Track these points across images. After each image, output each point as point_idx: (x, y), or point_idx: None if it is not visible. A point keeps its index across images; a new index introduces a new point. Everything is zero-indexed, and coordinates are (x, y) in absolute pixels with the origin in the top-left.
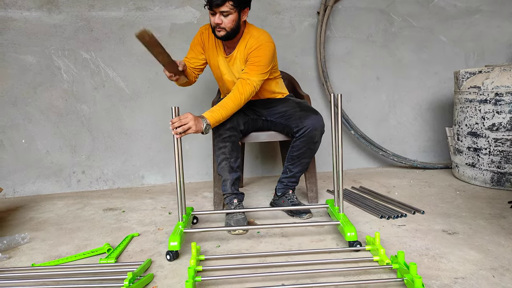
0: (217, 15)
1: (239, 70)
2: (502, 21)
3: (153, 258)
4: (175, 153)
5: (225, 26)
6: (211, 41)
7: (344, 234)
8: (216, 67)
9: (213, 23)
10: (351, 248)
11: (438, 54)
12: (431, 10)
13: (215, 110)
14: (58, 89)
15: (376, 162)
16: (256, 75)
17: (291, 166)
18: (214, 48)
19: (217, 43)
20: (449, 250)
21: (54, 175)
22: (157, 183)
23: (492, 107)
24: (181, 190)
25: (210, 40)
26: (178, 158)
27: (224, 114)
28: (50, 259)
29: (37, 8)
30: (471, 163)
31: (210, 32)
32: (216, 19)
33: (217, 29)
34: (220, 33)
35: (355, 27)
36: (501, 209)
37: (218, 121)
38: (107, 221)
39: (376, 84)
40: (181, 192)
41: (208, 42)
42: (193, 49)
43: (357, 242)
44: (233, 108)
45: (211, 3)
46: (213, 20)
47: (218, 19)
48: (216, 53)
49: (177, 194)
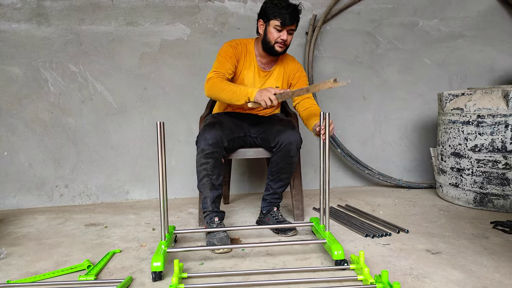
0: (284, 31)
1: (272, 86)
2: (484, 45)
3: (134, 275)
4: (159, 170)
5: (287, 43)
6: (244, 54)
7: (331, 253)
8: (241, 80)
9: (278, 39)
10: (336, 267)
11: (422, 76)
12: (416, 33)
13: (319, 110)
14: (44, 101)
15: (362, 180)
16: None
17: (272, 182)
18: (249, 63)
19: (252, 58)
20: (433, 269)
21: (36, 189)
22: (141, 198)
23: (474, 129)
24: (164, 208)
25: (243, 53)
26: (162, 175)
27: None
28: (27, 275)
29: (26, 21)
30: (454, 183)
31: (243, 47)
32: (283, 35)
33: (280, 45)
34: (281, 49)
35: (342, 48)
36: (483, 229)
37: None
38: (88, 237)
39: (363, 103)
40: (164, 210)
41: (241, 55)
42: (228, 61)
43: (344, 260)
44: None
45: (285, 21)
46: (278, 36)
47: (285, 36)
48: (250, 66)
49: (160, 212)
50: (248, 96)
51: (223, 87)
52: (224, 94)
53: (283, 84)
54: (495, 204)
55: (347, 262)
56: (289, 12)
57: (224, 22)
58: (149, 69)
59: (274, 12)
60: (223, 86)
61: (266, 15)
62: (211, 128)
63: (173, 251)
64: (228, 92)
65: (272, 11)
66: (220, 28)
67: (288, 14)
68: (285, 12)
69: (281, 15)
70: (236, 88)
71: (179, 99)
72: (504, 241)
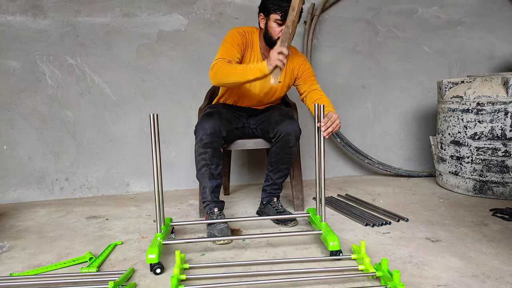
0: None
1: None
2: (484, 33)
3: (136, 267)
4: (154, 162)
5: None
6: (253, 47)
7: (327, 244)
8: None
9: (278, 32)
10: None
11: (422, 64)
12: (415, 21)
13: (331, 106)
14: (42, 94)
15: (362, 170)
16: (316, 83)
17: (271, 173)
18: (253, 55)
19: (257, 49)
20: (432, 257)
21: (36, 182)
22: (142, 190)
23: (474, 117)
24: (159, 200)
25: (249, 43)
26: (157, 168)
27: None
28: (29, 268)
29: (21, 13)
30: (454, 171)
31: (250, 36)
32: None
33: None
34: None
35: (341, 36)
36: (483, 217)
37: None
38: (90, 229)
39: (362, 92)
40: (160, 202)
41: (247, 45)
42: (235, 48)
43: (339, 251)
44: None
45: (286, 14)
46: (280, 30)
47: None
48: (254, 58)
49: (155, 204)
50: (261, 69)
51: (231, 69)
52: (233, 76)
53: (285, 78)
54: (494, 191)
55: (341, 252)
56: (290, 5)
57: (222, 12)
58: (146, 60)
59: (274, 6)
60: (230, 69)
61: (266, 8)
62: (209, 118)
63: (169, 243)
64: (239, 72)
65: (272, 5)
66: (217, 18)
67: (289, 7)
68: (286, 5)
69: (281, 8)
70: (245, 66)
71: (178, 90)
72: (503, 228)
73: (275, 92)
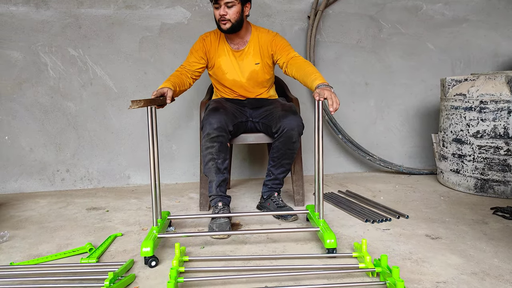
0: (222, 7)
1: (250, 63)
2: (488, 30)
3: (136, 258)
4: (150, 155)
5: (230, 18)
6: (215, 44)
7: (324, 241)
8: (218, 68)
9: (217, 15)
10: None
11: (425, 61)
12: (420, 18)
13: (317, 72)
14: (44, 85)
15: (363, 166)
16: (293, 51)
17: (273, 168)
18: (220, 49)
19: (223, 43)
20: (432, 254)
21: (38, 173)
22: (143, 183)
23: (477, 115)
24: (156, 193)
25: (213, 43)
26: (154, 161)
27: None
28: (29, 258)
29: (24, 3)
30: (455, 169)
31: (213, 37)
32: (221, 11)
33: (222, 22)
34: (225, 25)
35: (344, 32)
36: (483, 215)
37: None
38: (90, 221)
39: (365, 89)
40: (156, 196)
41: (211, 45)
42: (193, 54)
43: (335, 249)
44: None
45: None
46: (218, 13)
47: (223, 11)
48: (223, 52)
49: (151, 198)
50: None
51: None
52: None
53: (262, 57)
54: (495, 190)
55: (336, 250)
56: None
57: None
58: (149, 53)
59: None
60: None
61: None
62: (215, 112)
63: (165, 236)
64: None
65: None
66: None
67: None
68: None
69: None
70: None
71: None
72: (503, 226)
73: (257, 75)
